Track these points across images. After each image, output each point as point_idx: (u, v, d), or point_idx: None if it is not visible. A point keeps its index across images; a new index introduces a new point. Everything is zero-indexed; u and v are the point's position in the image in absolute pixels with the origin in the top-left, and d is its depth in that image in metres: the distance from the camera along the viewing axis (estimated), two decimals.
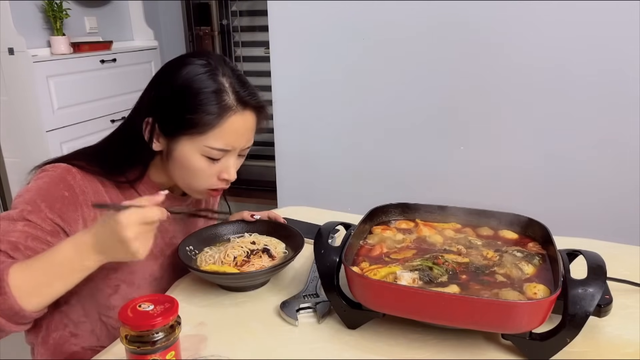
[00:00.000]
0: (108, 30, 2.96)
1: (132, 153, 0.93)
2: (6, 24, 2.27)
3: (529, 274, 0.84)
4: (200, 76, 0.87)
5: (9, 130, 2.43)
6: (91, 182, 0.90)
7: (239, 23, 3.51)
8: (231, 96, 0.88)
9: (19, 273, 0.73)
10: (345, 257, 0.84)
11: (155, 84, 0.92)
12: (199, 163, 0.90)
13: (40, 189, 0.85)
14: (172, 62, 0.91)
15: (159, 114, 0.89)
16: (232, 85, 0.89)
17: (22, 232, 0.80)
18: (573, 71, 1.62)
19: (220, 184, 0.94)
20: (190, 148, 0.89)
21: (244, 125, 0.91)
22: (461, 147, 1.82)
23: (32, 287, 0.74)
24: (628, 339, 0.81)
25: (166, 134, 0.90)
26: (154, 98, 0.90)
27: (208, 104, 0.86)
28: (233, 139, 0.90)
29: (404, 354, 0.79)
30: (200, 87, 0.86)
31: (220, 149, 0.89)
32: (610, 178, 1.65)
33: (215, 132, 0.87)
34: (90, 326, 0.95)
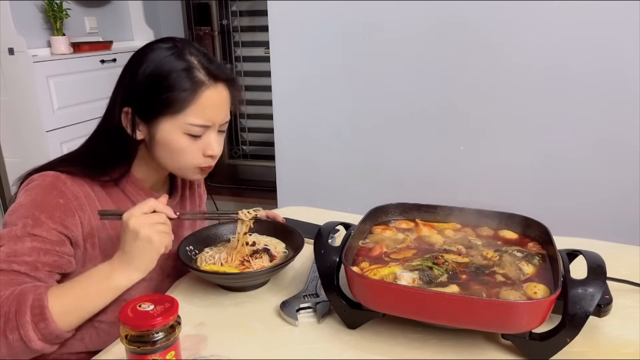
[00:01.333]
0: (108, 30, 2.96)
1: (113, 150, 0.94)
2: (6, 24, 2.27)
3: (529, 274, 0.84)
4: (169, 57, 0.89)
5: (9, 130, 2.43)
6: (81, 186, 0.90)
7: (239, 23, 3.51)
8: (202, 71, 0.90)
9: (57, 298, 0.77)
10: (345, 257, 0.84)
11: (126, 74, 0.93)
12: (182, 142, 0.91)
13: (34, 201, 0.85)
14: (139, 51, 0.93)
15: (135, 102, 0.90)
16: (200, 62, 0.91)
17: (32, 249, 0.81)
18: (573, 71, 1.62)
19: (206, 161, 0.95)
20: (170, 128, 0.90)
21: (218, 98, 0.92)
22: (461, 147, 1.82)
23: (71, 312, 0.79)
24: (628, 339, 0.81)
25: (145, 120, 0.91)
26: (127, 87, 0.91)
27: (180, 81, 0.88)
28: (211, 113, 0.91)
29: (404, 354, 0.79)
30: (170, 68, 0.88)
31: (200, 125, 0.91)
32: (610, 178, 1.65)
33: (192, 109, 0.89)
34: (80, 335, 0.94)
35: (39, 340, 0.75)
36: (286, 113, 2.02)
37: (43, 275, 0.81)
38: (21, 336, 0.74)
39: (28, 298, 0.75)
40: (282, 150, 2.07)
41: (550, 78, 1.65)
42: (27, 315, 0.74)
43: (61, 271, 0.85)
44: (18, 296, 0.76)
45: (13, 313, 0.74)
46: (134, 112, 0.90)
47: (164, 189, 1.06)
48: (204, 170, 0.97)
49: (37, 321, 0.75)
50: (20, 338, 0.74)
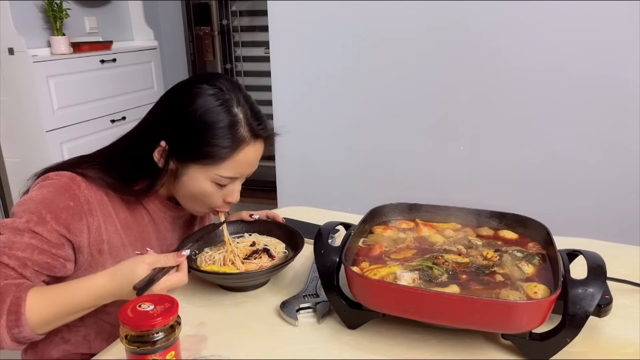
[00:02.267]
0: (108, 30, 2.96)
1: (141, 169, 0.92)
2: (6, 24, 2.27)
3: (529, 274, 0.84)
4: (216, 108, 0.87)
5: (9, 130, 2.43)
6: (96, 192, 0.89)
7: (239, 23, 3.51)
8: (245, 128, 0.89)
9: (35, 304, 0.76)
10: (345, 257, 0.84)
11: (168, 106, 0.92)
12: (207, 189, 0.91)
13: (45, 199, 0.84)
14: (185, 87, 0.91)
15: (171, 140, 0.89)
16: (246, 116, 0.90)
17: (28, 245, 0.81)
18: (573, 72, 1.62)
19: (222, 206, 0.96)
20: (200, 175, 0.90)
21: (254, 155, 0.93)
22: (461, 147, 1.82)
23: (47, 319, 0.78)
24: (628, 339, 0.81)
25: (178, 159, 0.90)
26: (167, 123, 0.90)
27: (222, 137, 0.87)
28: (244, 168, 0.92)
29: (404, 354, 0.79)
30: (216, 121, 0.87)
31: (230, 177, 0.91)
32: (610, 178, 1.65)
33: (227, 163, 0.89)
34: (84, 331, 0.95)
35: (10, 341, 0.75)
36: (286, 113, 2.02)
37: (29, 274, 0.81)
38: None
39: (6, 300, 0.75)
40: (282, 150, 2.07)
41: (550, 79, 1.65)
42: (3, 319, 0.74)
43: (51, 273, 0.84)
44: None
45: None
46: (169, 148, 0.90)
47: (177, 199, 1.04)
48: (214, 212, 0.98)
49: (12, 326, 0.75)
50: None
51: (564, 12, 1.58)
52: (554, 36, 1.61)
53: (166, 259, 0.80)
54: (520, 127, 1.73)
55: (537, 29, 1.62)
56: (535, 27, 1.63)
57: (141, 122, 0.95)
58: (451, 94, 1.78)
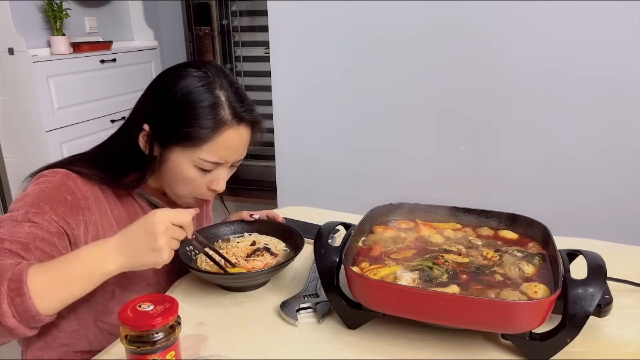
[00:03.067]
0: (108, 30, 2.96)
1: (131, 160, 0.93)
2: (6, 24, 2.27)
3: (529, 274, 0.84)
4: (198, 89, 0.87)
5: (9, 130, 2.43)
6: (91, 188, 0.90)
7: (239, 23, 3.51)
8: (227, 110, 0.89)
9: (38, 275, 0.72)
10: (345, 257, 0.84)
11: (153, 92, 0.92)
12: (191, 173, 0.91)
13: (42, 192, 0.84)
14: (170, 71, 0.92)
15: (155, 124, 0.90)
16: (229, 99, 0.89)
17: (29, 234, 0.80)
18: (573, 72, 1.62)
19: (207, 194, 0.95)
20: (182, 158, 0.90)
21: (238, 139, 0.91)
22: (461, 147, 1.82)
23: (51, 290, 0.73)
24: (628, 339, 0.81)
25: (160, 143, 0.90)
26: (151, 106, 0.91)
27: (203, 118, 0.87)
28: (226, 153, 0.91)
29: (404, 354, 0.79)
30: (197, 101, 0.87)
31: (213, 162, 0.90)
32: (611, 178, 1.65)
33: (208, 146, 0.88)
34: (83, 333, 0.94)
35: (13, 318, 0.70)
36: (286, 113, 2.02)
37: (33, 258, 0.78)
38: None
39: (7, 271, 0.71)
40: (282, 150, 2.07)
41: (550, 79, 1.65)
42: (4, 288, 0.69)
43: None
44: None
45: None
46: (152, 131, 0.90)
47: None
48: (199, 202, 0.97)
49: (14, 296, 0.69)
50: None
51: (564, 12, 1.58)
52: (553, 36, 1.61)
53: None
54: (520, 127, 1.73)
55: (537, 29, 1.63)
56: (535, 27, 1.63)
57: (130, 114, 0.95)
58: (451, 94, 1.79)
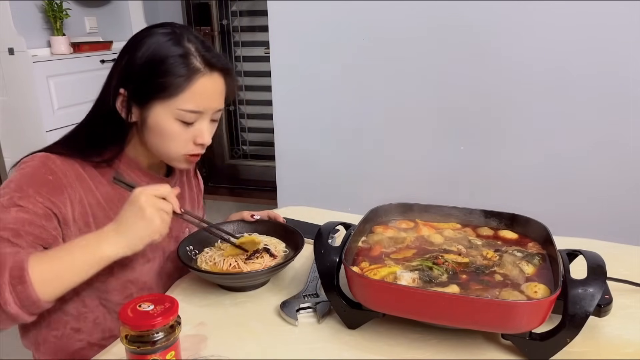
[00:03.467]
0: (108, 30, 2.97)
1: (107, 131, 0.94)
2: (6, 24, 2.27)
3: (529, 274, 0.84)
4: (166, 42, 0.89)
5: (9, 130, 2.43)
6: (72, 165, 0.90)
7: (239, 23, 3.51)
8: (198, 59, 0.90)
9: (39, 263, 0.75)
10: (345, 257, 0.84)
11: (122, 56, 0.93)
12: (173, 127, 0.91)
13: (23, 176, 0.86)
14: (137, 34, 0.93)
15: (130, 85, 0.91)
16: (198, 49, 0.91)
17: (17, 218, 0.80)
18: (573, 72, 1.62)
19: (196, 149, 0.95)
20: (163, 113, 0.90)
21: (212, 87, 0.92)
22: (461, 147, 1.82)
23: (52, 277, 0.75)
24: (628, 339, 0.81)
25: (139, 103, 0.91)
26: (123, 70, 0.92)
27: (176, 66, 0.88)
28: (204, 101, 0.91)
29: (404, 354, 0.79)
30: (167, 53, 0.89)
31: (193, 111, 0.91)
32: (610, 178, 1.65)
33: (185, 94, 0.89)
34: (92, 316, 0.95)
35: (14, 304, 0.72)
36: (286, 113, 2.02)
37: (25, 243, 0.79)
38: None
39: (8, 260, 0.73)
40: (282, 150, 2.07)
41: (550, 79, 1.65)
42: (5, 277, 0.72)
43: (45, 244, 0.83)
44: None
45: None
46: (128, 94, 0.91)
47: (161, 171, 1.05)
48: (191, 159, 0.97)
49: (15, 284, 0.72)
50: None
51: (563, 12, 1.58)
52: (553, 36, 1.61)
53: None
54: (521, 127, 1.73)
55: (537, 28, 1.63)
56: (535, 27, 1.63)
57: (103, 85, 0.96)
58: (451, 94, 1.79)
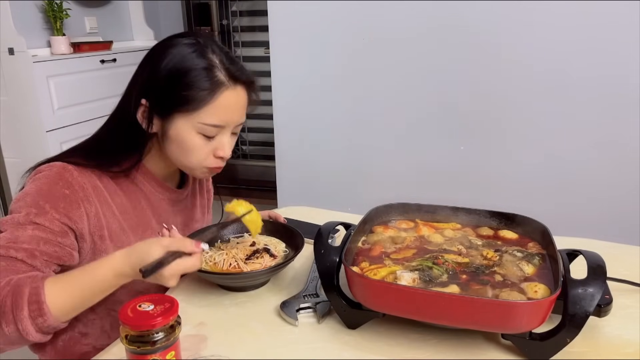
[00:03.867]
0: (108, 30, 2.97)
1: (125, 140, 0.93)
2: (6, 24, 2.27)
3: (529, 274, 0.84)
4: (190, 54, 0.88)
5: (9, 130, 2.43)
6: (89, 177, 0.90)
7: (239, 23, 3.51)
8: (222, 72, 0.89)
9: (54, 292, 0.76)
10: (345, 257, 0.84)
11: (145, 66, 0.92)
12: (195, 140, 0.90)
13: (40, 190, 0.85)
14: (160, 44, 0.92)
15: (152, 96, 0.89)
16: (222, 61, 0.90)
17: (33, 237, 0.80)
18: (573, 72, 1.62)
19: (216, 162, 0.95)
20: (185, 126, 0.89)
21: (236, 100, 0.92)
22: (461, 147, 1.82)
23: (69, 306, 0.78)
24: (628, 339, 0.81)
25: (160, 115, 0.90)
26: (146, 80, 0.90)
27: (200, 80, 0.87)
28: (227, 115, 0.91)
29: (404, 354, 0.79)
30: (191, 65, 0.87)
31: (215, 125, 0.90)
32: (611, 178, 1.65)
33: (208, 108, 0.88)
34: (99, 322, 0.95)
35: (36, 333, 0.75)
36: (286, 113, 2.02)
37: (40, 264, 0.80)
38: (19, 330, 0.74)
39: (24, 292, 0.74)
40: (282, 150, 2.07)
41: (550, 79, 1.65)
42: (25, 311, 0.73)
43: (60, 262, 0.84)
44: (14, 288, 0.75)
45: (9, 307, 0.73)
46: (150, 105, 0.90)
47: (175, 181, 1.05)
48: (211, 171, 0.97)
49: (35, 316, 0.74)
50: (17, 330, 0.74)
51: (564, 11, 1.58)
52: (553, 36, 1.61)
53: (183, 243, 0.78)
54: (521, 127, 1.73)
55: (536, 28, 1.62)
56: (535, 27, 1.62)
57: (123, 95, 0.95)
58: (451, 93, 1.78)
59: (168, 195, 1.01)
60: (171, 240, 0.78)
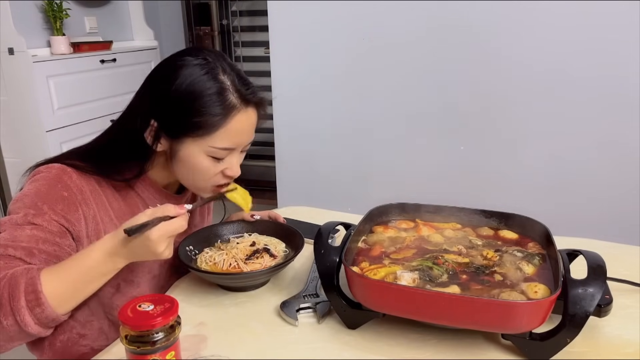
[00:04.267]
0: (108, 30, 2.97)
1: (129, 152, 0.92)
2: (6, 24, 2.27)
3: (529, 274, 0.84)
4: (202, 77, 0.86)
5: (9, 130, 2.43)
6: (88, 181, 0.89)
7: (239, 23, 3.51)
8: (234, 94, 0.88)
9: (50, 281, 0.75)
10: (345, 257, 0.84)
11: (153, 84, 0.91)
12: (205, 163, 0.90)
13: (38, 192, 0.84)
14: (169, 62, 0.90)
15: (161, 117, 0.88)
16: (234, 83, 0.88)
17: (31, 237, 0.80)
18: (573, 72, 1.62)
19: (224, 180, 0.95)
20: (194, 149, 0.89)
21: (247, 122, 0.91)
22: (461, 147, 1.82)
23: (66, 294, 0.77)
24: (628, 339, 0.81)
25: (169, 136, 0.89)
26: (156, 100, 0.89)
27: (212, 105, 0.86)
28: (238, 138, 0.90)
29: (404, 354, 0.79)
30: (203, 89, 0.86)
31: (226, 148, 0.89)
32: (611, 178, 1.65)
33: (220, 133, 0.88)
34: (98, 324, 0.95)
35: (35, 325, 0.74)
36: (286, 113, 2.02)
37: (38, 262, 0.80)
38: (17, 321, 0.73)
39: (20, 282, 0.74)
40: (282, 150, 2.07)
41: (550, 79, 1.65)
42: (22, 301, 0.73)
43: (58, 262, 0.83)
44: (10, 280, 0.74)
45: (6, 298, 0.73)
46: (158, 125, 0.89)
47: (174, 187, 1.05)
48: (217, 190, 0.96)
49: (33, 307, 0.73)
50: (15, 322, 0.73)
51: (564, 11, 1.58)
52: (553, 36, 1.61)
53: (166, 208, 0.78)
54: (521, 127, 1.73)
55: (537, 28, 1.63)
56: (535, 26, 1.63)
57: (128, 106, 0.94)
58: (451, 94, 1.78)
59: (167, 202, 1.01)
60: (154, 209, 0.78)
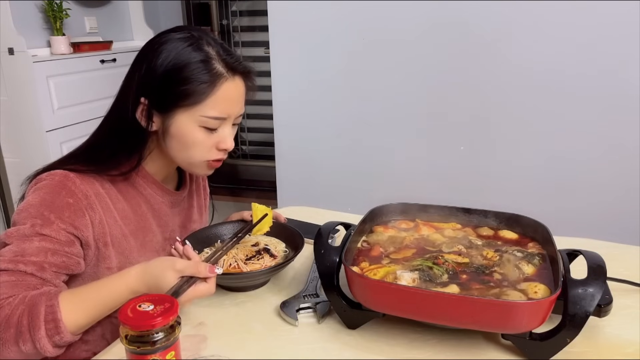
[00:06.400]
0: (108, 30, 2.96)
1: (124, 141, 0.92)
2: (6, 24, 2.27)
3: (529, 274, 0.84)
4: (186, 48, 0.87)
5: (9, 130, 2.43)
6: (91, 184, 0.89)
7: (239, 23, 3.51)
8: (220, 63, 0.89)
9: (71, 311, 0.78)
10: (345, 257, 0.84)
11: (140, 65, 0.91)
12: (197, 135, 0.90)
13: (43, 201, 0.84)
14: (154, 41, 0.91)
15: (151, 93, 0.89)
16: (219, 53, 0.89)
17: (40, 249, 0.80)
18: (574, 72, 1.62)
19: (218, 155, 0.94)
20: (186, 121, 0.89)
21: (235, 91, 0.92)
22: (461, 147, 1.82)
23: (85, 321, 0.80)
24: (628, 339, 0.81)
25: (161, 111, 0.89)
26: (143, 78, 0.89)
27: (199, 73, 0.87)
28: (227, 106, 0.91)
29: (404, 354, 0.79)
30: (188, 59, 0.87)
31: (216, 117, 0.89)
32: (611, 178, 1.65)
33: (209, 101, 0.88)
34: (101, 330, 0.95)
35: (53, 348, 0.77)
36: (286, 113, 2.02)
37: (49, 276, 0.81)
38: (36, 347, 0.76)
39: (40, 311, 0.75)
40: (282, 150, 2.07)
41: (550, 79, 1.65)
42: (42, 330, 0.75)
43: (69, 272, 0.84)
44: (30, 307, 0.75)
45: (26, 326, 0.75)
46: (150, 102, 0.89)
47: (173, 183, 1.05)
48: (212, 165, 0.96)
49: (52, 335, 0.76)
50: (34, 348, 0.76)
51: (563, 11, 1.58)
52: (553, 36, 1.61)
53: (197, 269, 0.80)
54: (521, 127, 1.73)
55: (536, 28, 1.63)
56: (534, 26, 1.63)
57: (119, 92, 0.94)
58: (451, 93, 1.79)
59: (168, 198, 1.01)
60: (185, 265, 0.79)
